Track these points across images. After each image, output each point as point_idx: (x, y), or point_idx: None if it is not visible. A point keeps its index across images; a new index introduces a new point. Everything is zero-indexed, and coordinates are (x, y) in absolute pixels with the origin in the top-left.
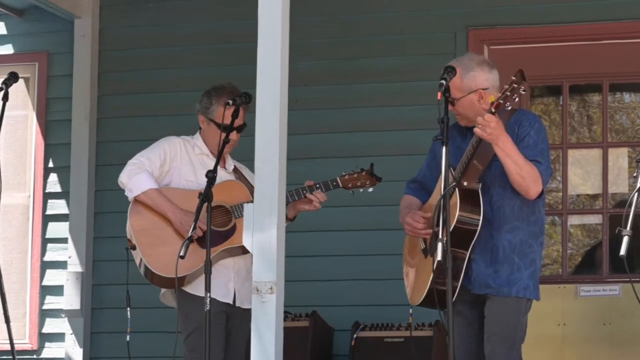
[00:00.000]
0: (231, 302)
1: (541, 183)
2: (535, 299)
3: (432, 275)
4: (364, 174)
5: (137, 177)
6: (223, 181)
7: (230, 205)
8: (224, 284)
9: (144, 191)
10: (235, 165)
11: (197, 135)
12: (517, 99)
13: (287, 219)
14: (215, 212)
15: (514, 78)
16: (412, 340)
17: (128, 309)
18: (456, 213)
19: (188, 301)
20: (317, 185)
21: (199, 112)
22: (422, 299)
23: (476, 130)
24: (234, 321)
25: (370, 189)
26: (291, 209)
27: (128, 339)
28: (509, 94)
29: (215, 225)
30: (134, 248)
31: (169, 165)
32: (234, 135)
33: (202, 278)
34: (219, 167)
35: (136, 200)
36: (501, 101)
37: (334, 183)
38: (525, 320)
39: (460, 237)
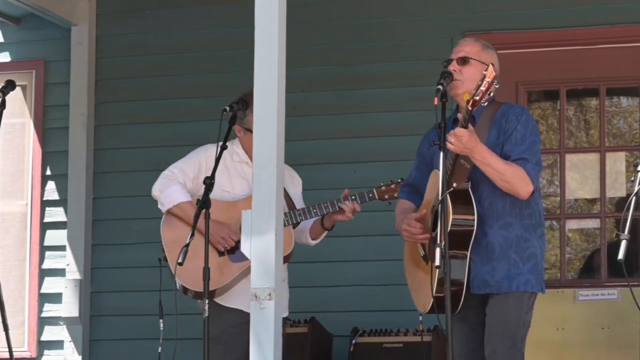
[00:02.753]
0: None
1: (530, 181)
2: (540, 292)
3: (437, 281)
4: (401, 184)
5: (169, 190)
6: None
7: None
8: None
9: (176, 204)
10: None
11: (237, 141)
12: (491, 94)
13: (324, 228)
14: None
15: (485, 73)
16: (423, 347)
17: (161, 321)
18: (450, 217)
19: (214, 310)
20: (353, 197)
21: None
22: (430, 306)
23: (449, 146)
24: None
25: None
26: (327, 219)
27: (160, 350)
28: (483, 89)
29: None
30: (167, 260)
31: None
32: None
33: (234, 290)
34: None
35: (169, 211)
36: (476, 98)
37: (370, 195)
38: (530, 316)
39: (458, 239)
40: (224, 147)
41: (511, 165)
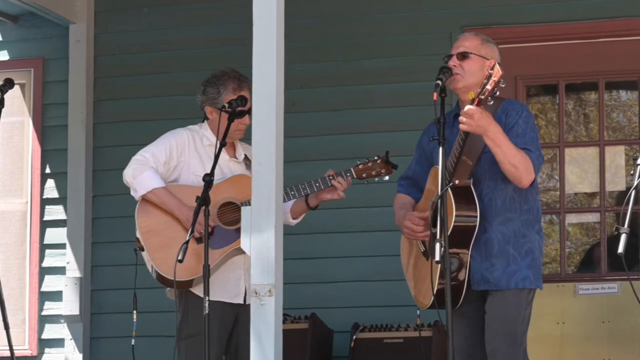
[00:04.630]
0: (242, 302)
1: (533, 171)
2: (538, 289)
3: (437, 277)
4: (379, 162)
5: (142, 176)
6: (234, 175)
7: (241, 202)
8: (235, 283)
9: (150, 190)
10: (245, 154)
11: (205, 125)
12: (498, 93)
13: (309, 207)
14: (225, 209)
15: (491, 72)
16: (421, 342)
17: (134, 312)
18: (453, 214)
19: (194, 303)
20: (331, 177)
21: (204, 104)
22: (431, 302)
23: (461, 126)
24: (246, 319)
25: (387, 178)
26: (314, 198)
27: (133, 342)
28: (489, 88)
29: (225, 223)
30: (142, 249)
31: (177, 160)
32: (246, 120)
33: (215, 282)
34: (229, 158)
35: (144, 199)
36: (482, 97)
37: (348, 174)
38: (529, 311)
39: (461, 236)
40: (223, 144)
41: (520, 152)
